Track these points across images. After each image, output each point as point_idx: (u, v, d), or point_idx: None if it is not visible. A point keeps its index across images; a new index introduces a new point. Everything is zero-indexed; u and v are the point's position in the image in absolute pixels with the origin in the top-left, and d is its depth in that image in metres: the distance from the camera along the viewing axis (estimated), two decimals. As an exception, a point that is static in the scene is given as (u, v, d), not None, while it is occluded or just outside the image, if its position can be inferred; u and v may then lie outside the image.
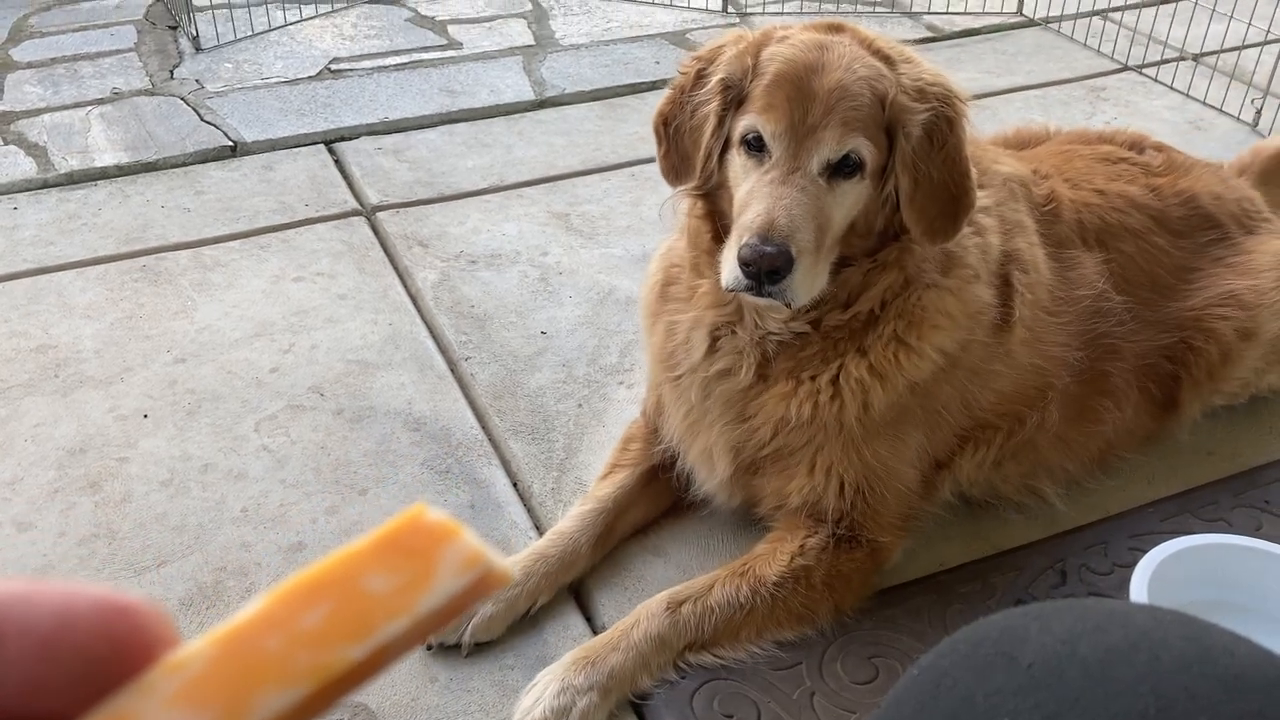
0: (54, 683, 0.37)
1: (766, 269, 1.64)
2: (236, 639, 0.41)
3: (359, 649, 0.41)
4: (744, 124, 1.75)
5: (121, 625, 0.39)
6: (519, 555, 1.98)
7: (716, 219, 1.86)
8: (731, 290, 1.74)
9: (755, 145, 1.74)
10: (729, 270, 1.70)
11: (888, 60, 1.78)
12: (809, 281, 1.70)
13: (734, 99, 1.79)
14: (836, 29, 1.83)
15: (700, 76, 1.84)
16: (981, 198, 1.89)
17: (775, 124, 1.71)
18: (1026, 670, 0.65)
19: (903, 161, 1.73)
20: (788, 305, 1.73)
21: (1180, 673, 0.59)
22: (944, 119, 1.75)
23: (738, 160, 1.77)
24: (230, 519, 2.16)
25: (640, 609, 1.85)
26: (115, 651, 0.39)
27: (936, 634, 1.93)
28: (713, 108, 1.79)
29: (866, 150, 1.72)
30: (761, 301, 1.76)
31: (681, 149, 1.85)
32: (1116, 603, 0.73)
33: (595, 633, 1.92)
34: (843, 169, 1.72)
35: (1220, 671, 0.59)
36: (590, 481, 2.21)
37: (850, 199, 1.74)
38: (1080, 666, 0.63)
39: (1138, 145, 2.44)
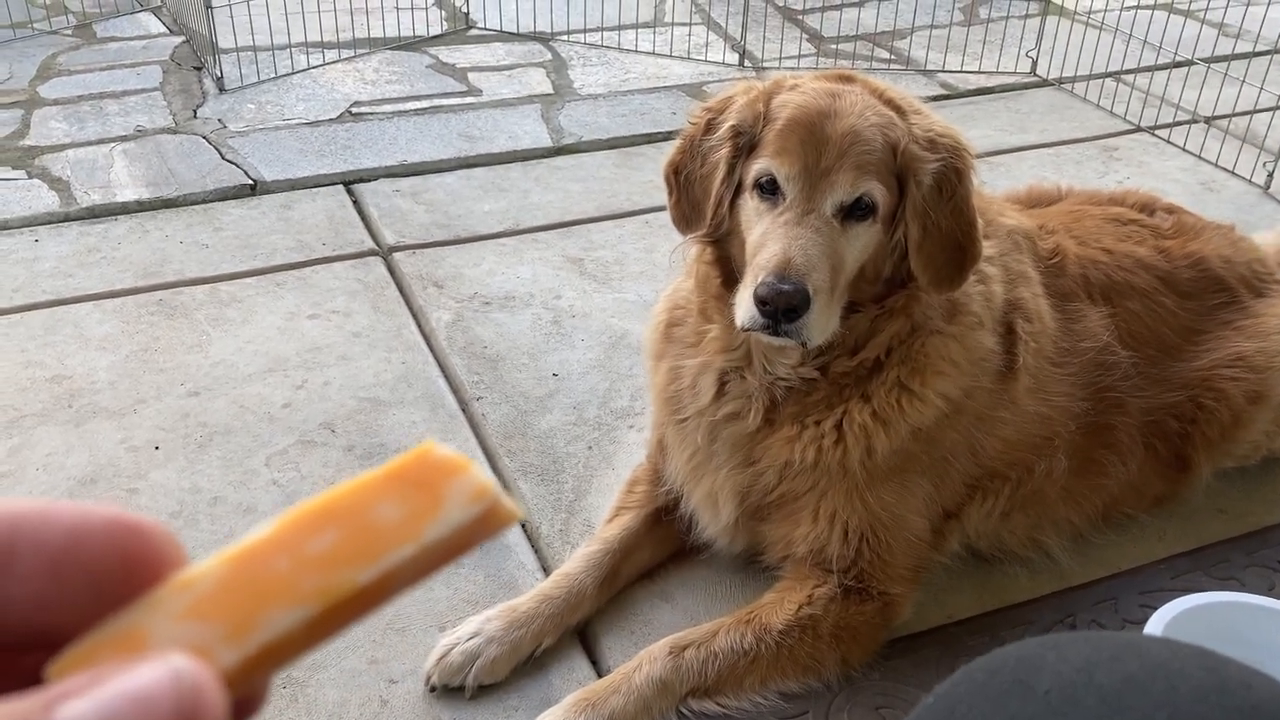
0: (65, 598, 0.37)
1: (784, 307, 1.65)
2: (246, 559, 0.41)
3: (366, 573, 0.41)
4: (758, 167, 1.77)
5: (132, 543, 0.40)
6: (524, 597, 1.97)
7: (725, 265, 1.87)
8: (747, 330, 1.73)
9: (769, 188, 1.76)
10: (744, 310, 1.71)
11: (899, 110, 1.81)
12: (824, 321, 1.70)
13: (745, 145, 1.81)
14: (847, 79, 1.86)
15: (710, 126, 1.86)
16: (986, 248, 1.91)
17: (789, 166, 1.73)
18: (1043, 697, 0.64)
19: (913, 209, 1.75)
20: (803, 345, 1.73)
21: (1197, 703, 0.58)
22: (953, 170, 1.78)
23: (750, 204, 1.79)
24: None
25: (644, 653, 1.84)
26: (125, 568, 0.39)
27: (944, 686, 1.91)
28: (723, 154, 1.81)
29: (879, 194, 1.74)
30: (776, 341, 1.76)
31: (692, 197, 1.87)
32: (1133, 634, 0.73)
33: (600, 676, 1.91)
34: (855, 211, 1.74)
35: (1238, 703, 0.58)
36: (598, 524, 2.20)
37: (862, 241, 1.75)
38: (1097, 694, 0.62)
39: (1148, 207, 2.46)
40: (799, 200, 1.72)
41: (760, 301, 1.66)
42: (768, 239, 1.72)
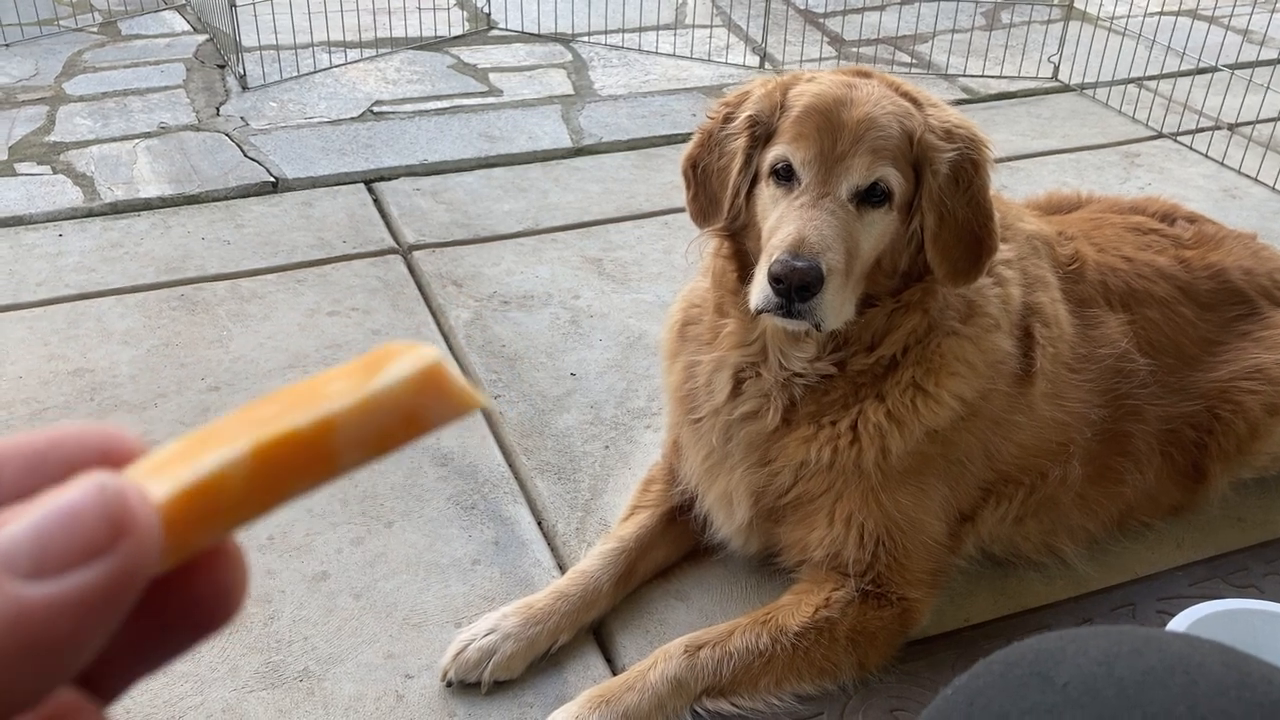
0: (46, 487, 0.39)
1: (797, 284, 1.64)
2: (202, 433, 0.43)
3: (301, 417, 0.42)
4: (773, 154, 1.78)
5: (107, 441, 0.42)
6: (540, 594, 1.98)
7: (742, 259, 1.87)
8: (761, 311, 1.73)
9: (784, 175, 1.76)
10: (759, 291, 1.70)
11: (915, 102, 1.81)
12: (838, 304, 1.69)
13: (762, 135, 1.81)
14: (864, 74, 1.86)
15: (728, 118, 1.87)
16: (1004, 250, 1.90)
17: (805, 151, 1.73)
18: (1062, 689, 0.64)
19: (929, 198, 1.75)
20: (816, 327, 1.71)
21: (1217, 696, 0.58)
22: (969, 160, 1.77)
23: (766, 191, 1.79)
24: (256, 546, 2.17)
25: (659, 651, 1.85)
26: (101, 459, 0.41)
27: (959, 690, 1.90)
28: (740, 144, 1.82)
29: (895, 181, 1.73)
30: (790, 324, 1.75)
31: (709, 190, 1.87)
32: (1153, 629, 0.72)
33: (615, 674, 1.91)
34: (871, 198, 1.73)
35: (1259, 697, 0.58)
36: (614, 523, 2.21)
37: (878, 228, 1.75)
38: (1117, 687, 0.62)
39: (1169, 216, 2.44)
40: (814, 184, 1.72)
41: (774, 279, 1.65)
42: (783, 221, 1.72)
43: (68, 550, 0.37)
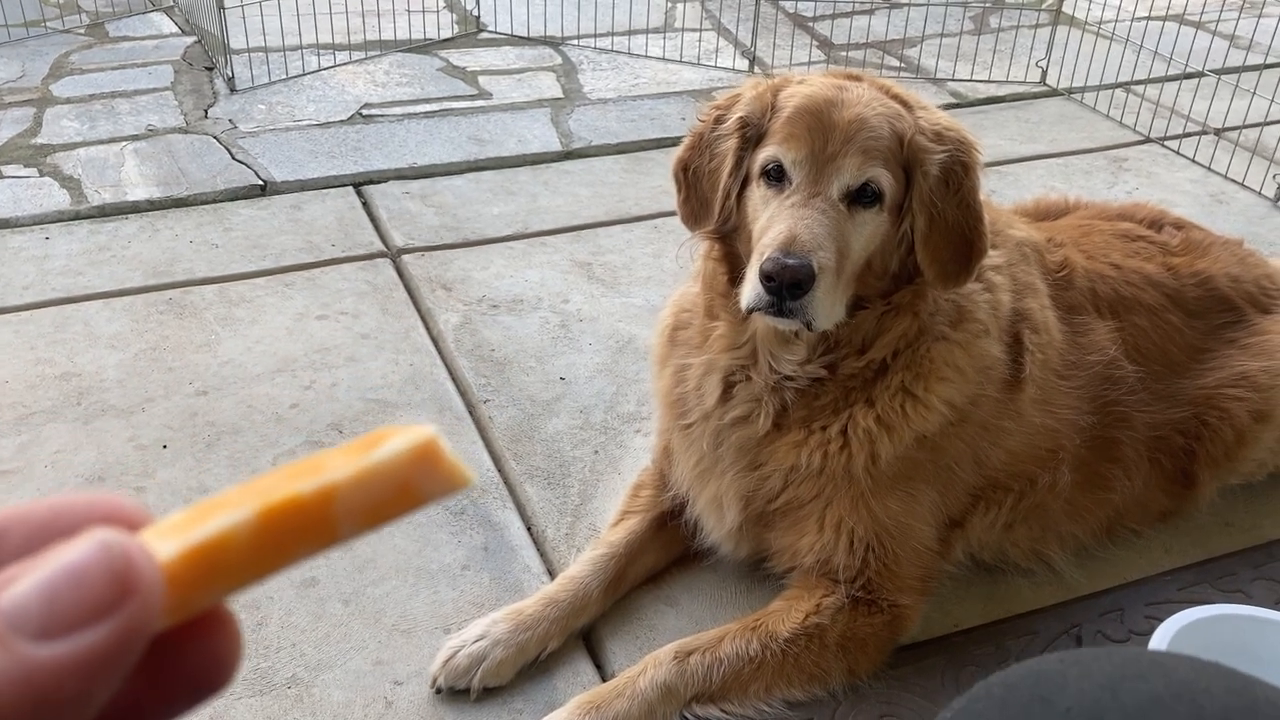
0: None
1: (788, 281, 1.64)
2: (209, 502, 0.45)
3: (304, 485, 0.44)
4: (764, 155, 1.78)
5: (112, 509, 0.43)
6: (529, 600, 1.98)
7: (732, 262, 1.87)
8: (752, 309, 1.72)
9: (775, 175, 1.76)
10: (750, 289, 1.70)
11: (905, 104, 1.81)
12: (829, 303, 1.69)
13: (753, 137, 1.81)
14: (854, 77, 1.86)
15: (719, 120, 1.87)
16: (993, 257, 1.91)
17: (796, 152, 1.73)
18: (1064, 714, 0.64)
19: (919, 200, 1.75)
20: (807, 326, 1.71)
21: None
22: (959, 162, 1.78)
23: (757, 192, 1.79)
24: (244, 552, 2.15)
25: (649, 658, 1.84)
26: (107, 525, 0.42)
27: (950, 695, 1.90)
28: (731, 145, 1.82)
29: (885, 181, 1.74)
30: (780, 323, 1.75)
31: (700, 193, 1.87)
32: (1157, 652, 0.72)
33: (605, 680, 1.91)
34: (862, 198, 1.74)
35: None
36: (604, 528, 2.20)
37: (869, 229, 1.75)
38: (1121, 713, 0.62)
39: (1157, 223, 2.45)
40: (805, 184, 1.72)
41: (765, 277, 1.65)
42: (774, 220, 1.72)
43: (75, 611, 0.37)
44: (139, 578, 0.38)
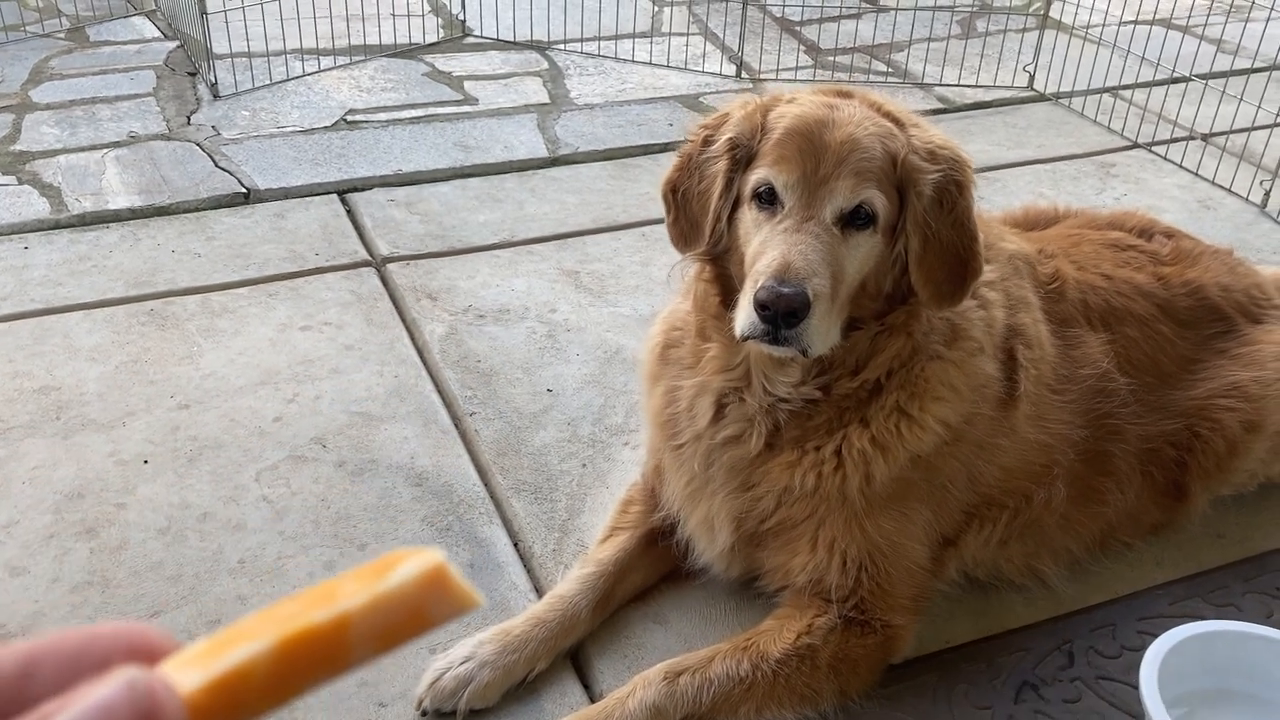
0: (82, 683, 0.43)
1: (784, 310, 1.61)
2: (229, 631, 0.48)
3: (320, 614, 0.47)
4: (755, 177, 1.75)
5: (139, 638, 0.47)
6: (517, 619, 1.95)
7: (724, 283, 1.85)
8: (746, 338, 1.70)
9: (767, 198, 1.74)
10: (744, 317, 1.68)
11: (897, 122, 1.79)
12: (824, 328, 1.67)
13: (743, 158, 1.78)
14: (845, 94, 1.84)
15: (708, 141, 1.84)
16: (987, 271, 1.89)
17: (788, 174, 1.71)
18: None
19: (914, 221, 1.73)
20: (803, 353, 1.69)
21: None
22: (954, 182, 1.76)
23: (749, 215, 1.77)
24: (227, 570, 2.13)
25: (638, 678, 1.82)
26: (131, 657, 0.46)
27: (942, 714, 1.89)
28: (721, 167, 1.79)
29: (879, 203, 1.71)
30: (776, 351, 1.73)
31: (690, 214, 1.84)
32: None
33: (593, 701, 1.88)
34: (855, 220, 1.71)
35: None
36: (592, 544, 2.18)
37: (863, 251, 1.73)
38: None
39: (1147, 232, 2.44)
40: (798, 208, 1.70)
41: (760, 306, 1.63)
42: (767, 246, 1.69)
43: None
44: (163, 713, 0.42)
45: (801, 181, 1.69)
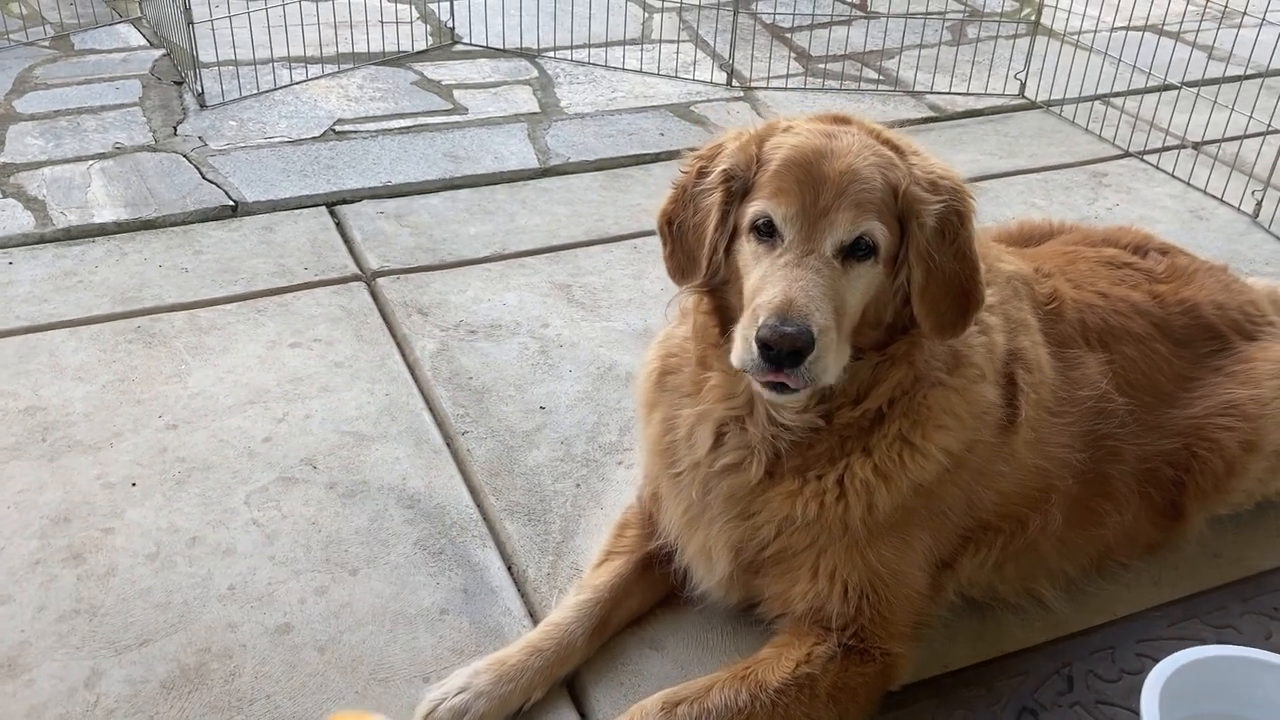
0: None
1: (788, 350, 1.59)
2: None
3: None
4: (753, 210, 1.72)
5: None
6: (512, 648, 1.93)
7: (723, 314, 1.83)
8: (741, 369, 1.69)
9: (766, 231, 1.71)
10: (741, 348, 1.65)
11: (897, 150, 1.76)
12: (829, 361, 1.64)
13: (738, 190, 1.76)
14: (842, 121, 1.81)
15: (702, 172, 1.81)
16: (986, 296, 1.87)
17: (787, 207, 1.68)
18: None
19: (916, 252, 1.71)
20: (809, 385, 1.66)
21: None
22: (955, 212, 1.74)
23: (747, 248, 1.74)
24: (216, 596, 2.10)
25: (635, 708, 1.80)
26: None
27: (940, 742, 1.87)
28: (715, 200, 1.77)
29: (880, 234, 1.69)
30: (779, 399, 1.73)
31: (686, 246, 1.82)
32: None
33: (589, 731, 1.86)
34: (856, 251, 1.69)
35: None
36: (586, 567, 2.15)
37: (864, 282, 1.71)
38: None
39: (1141, 249, 2.43)
40: (798, 241, 1.67)
41: (764, 345, 1.60)
42: (767, 281, 1.67)
43: None
44: None
45: (801, 214, 1.67)
